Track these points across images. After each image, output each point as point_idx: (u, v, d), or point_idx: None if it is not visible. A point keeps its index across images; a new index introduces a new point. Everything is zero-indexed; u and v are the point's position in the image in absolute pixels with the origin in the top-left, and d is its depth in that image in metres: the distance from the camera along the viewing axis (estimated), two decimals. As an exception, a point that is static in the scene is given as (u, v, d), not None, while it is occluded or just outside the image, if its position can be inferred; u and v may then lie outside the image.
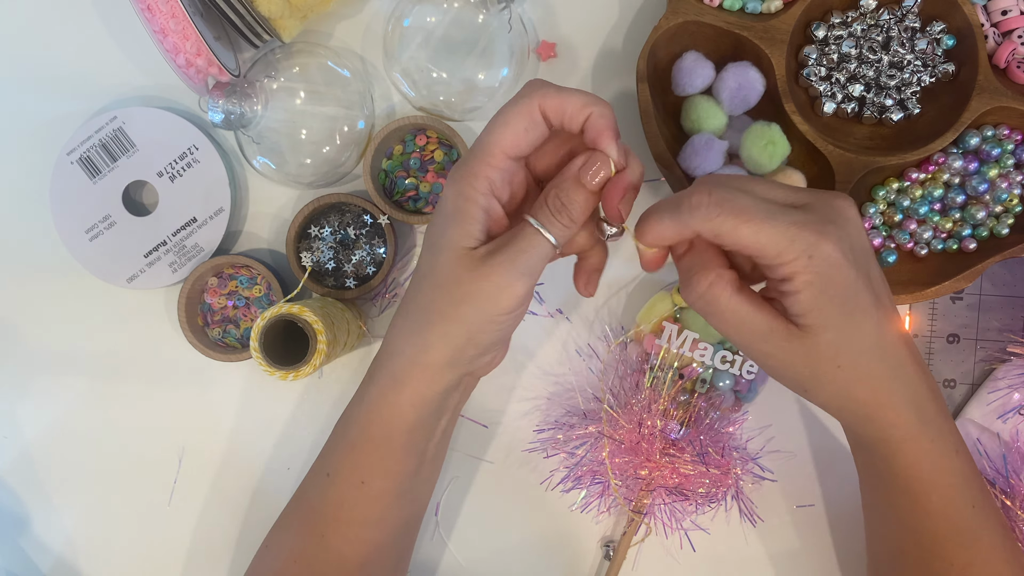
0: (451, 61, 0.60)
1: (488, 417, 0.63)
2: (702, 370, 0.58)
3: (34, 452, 0.64)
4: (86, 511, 0.64)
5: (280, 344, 0.57)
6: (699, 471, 0.57)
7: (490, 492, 0.63)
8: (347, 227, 0.61)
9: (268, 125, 0.59)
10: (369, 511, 0.49)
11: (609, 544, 0.62)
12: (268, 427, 0.64)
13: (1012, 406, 0.60)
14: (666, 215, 0.42)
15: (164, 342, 0.63)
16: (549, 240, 0.42)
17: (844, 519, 0.62)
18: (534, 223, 0.43)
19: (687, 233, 0.42)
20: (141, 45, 0.62)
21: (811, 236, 0.40)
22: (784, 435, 0.62)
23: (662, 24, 0.56)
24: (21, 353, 0.64)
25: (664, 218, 0.42)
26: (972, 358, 0.62)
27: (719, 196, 0.41)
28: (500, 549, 0.63)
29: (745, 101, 0.57)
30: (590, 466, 0.60)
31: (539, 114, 0.42)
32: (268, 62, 0.60)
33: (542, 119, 0.42)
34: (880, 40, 0.58)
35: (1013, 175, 0.58)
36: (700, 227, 0.41)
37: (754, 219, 0.40)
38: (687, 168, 0.57)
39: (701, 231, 0.41)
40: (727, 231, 0.40)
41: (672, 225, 0.42)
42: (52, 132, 0.62)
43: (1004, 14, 0.57)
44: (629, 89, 0.61)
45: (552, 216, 0.43)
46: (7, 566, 0.64)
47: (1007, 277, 0.62)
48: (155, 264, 0.61)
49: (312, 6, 0.57)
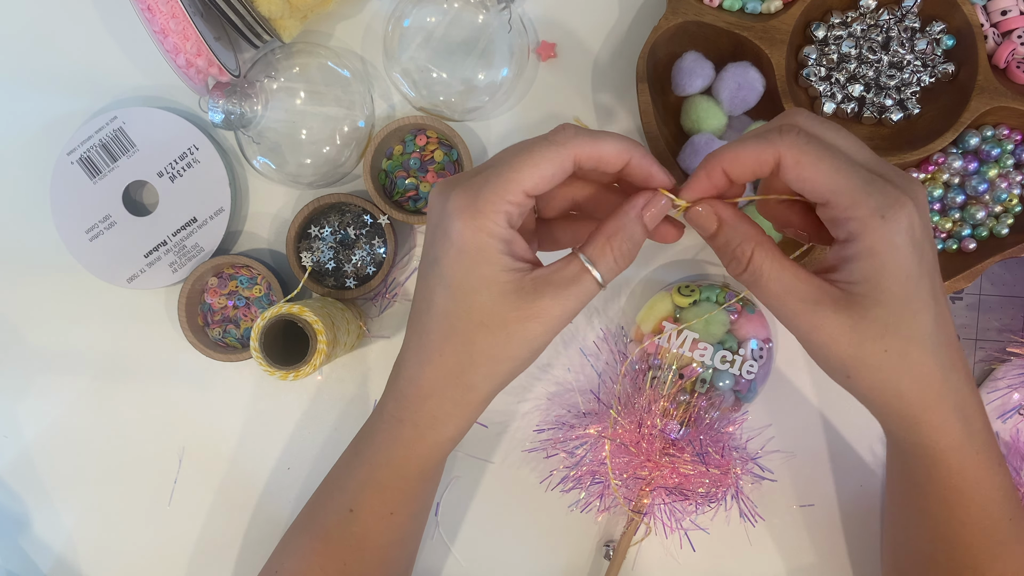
0: (451, 61, 0.60)
1: (488, 417, 0.63)
2: (702, 370, 0.58)
3: (34, 452, 0.64)
4: (86, 511, 0.64)
5: (280, 344, 0.57)
6: (699, 471, 0.57)
7: (490, 492, 0.63)
8: (347, 227, 0.61)
9: (268, 125, 0.59)
10: (394, 536, 0.49)
11: (609, 544, 0.62)
12: (268, 427, 0.64)
13: (1012, 406, 0.60)
14: (750, 139, 0.40)
15: (164, 342, 0.63)
16: (597, 279, 0.41)
17: (844, 519, 0.62)
18: (585, 261, 0.41)
19: (769, 157, 0.39)
20: (141, 45, 0.62)
21: (889, 197, 0.38)
22: (784, 435, 0.62)
23: (662, 24, 0.56)
24: (21, 353, 0.64)
25: (748, 142, 0.40)
26: (972, 358, 0.62)
27: (810, 126, 0.39)
28: (500, 549, 0.63)
29: (745, 101, 0.57)
30: (590, 466, 0.60)
31: (571, 163, 0.41)
32: (268, 62, 0.60)
33: (572, 166, 0.41)
34: (880, 40, 0.58)
35: (1013, 175, 0.58)
36: (787, 152, 0.39)
37: (838, 158, 0.38)
38: (687, 168, 0.57)
39: (785, 157, 0.39)
40: (810, 162, 0.38)
41: (756, 149, 0.39)
42: (52, 132, 0.62)
43: (1004, 14, 0.57)
44: (629, 89, 0.61)
45: (613, 257, 0.41)
46: (7, 566, 0.64)
47: (1007, 277, 0.62)
48: (155, 264, 0.61)
49: (312, 6, 0.57)
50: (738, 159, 0.40)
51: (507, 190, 0.40)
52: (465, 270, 0.41)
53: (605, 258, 0.41)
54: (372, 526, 0.48)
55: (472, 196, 0.40)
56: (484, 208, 0.40)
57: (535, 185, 0.40)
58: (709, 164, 0.41)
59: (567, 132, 0.41)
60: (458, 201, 0.40)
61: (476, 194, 0.40)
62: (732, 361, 0.58)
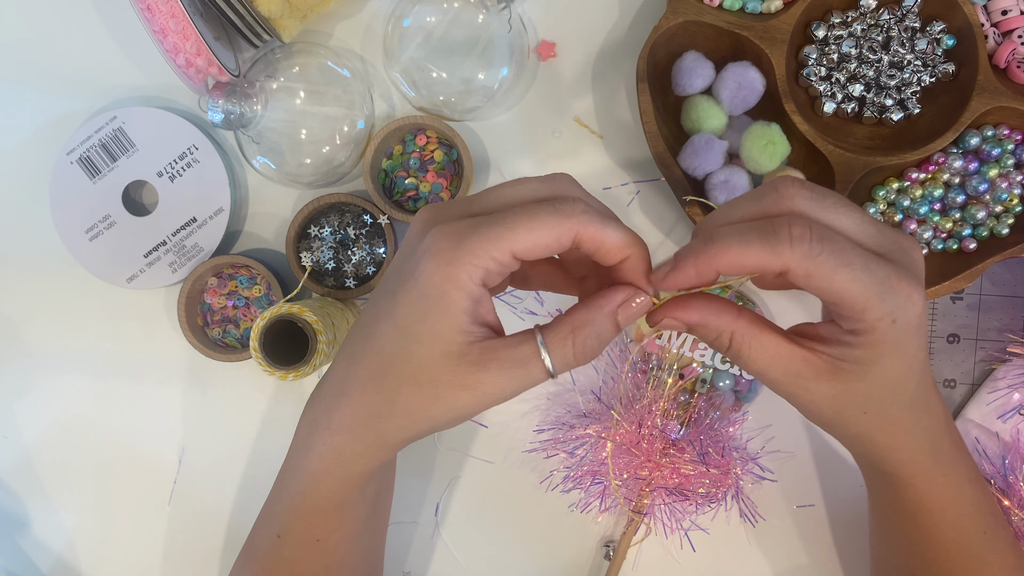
0: (451, 61, 0.60)
1: (488, 417, 0.63)
2: (702, 370, 0.58)
3: (34, 452, 0.64)
4: (86, 511, 0.64)
5: (280, 344, 0.57)
6: (699, 471, 0.57)
7: (490, 492, 0.63)
8: (347, 227, 0.61)
9: (268, 125, 0.59)
10: (329, 560, 0.47)
11: (609, 544, 0.62)
12: (268, 427, 0.64)
13: (1012, 406, 0.60)
14: (754, 239, 0.35)
15: (164, 342, 0.63)
16: (548, 369, 0.38)
17: (844, 519, 0.62)
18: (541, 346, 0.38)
19: (775, 266, 0.35)
20: (141, 45, 0.62)
21: (900, 298, 0.36)
22: (784, 435, 0.62)
23: (662, 24, 0.56)
24: (21, 353, 0.64)
25: (752, 243, 0.35)
26: (972, 358, 0.62)
27: (820, 232, 0.35)
28: (500, 549, 0.63)
29: (745, 101, 0.57)
30: (590, 466, 0.60)
31: (570, 240, 0.37)
32: (268, 62, 0.60)
33: (570, 243, 0.37)
34: (880, 40, 0.58)
35: (1013, 175, 0.58)
36: (797, 264, 0.35)
37: (853, 264, 0.35)
38: (687, 168, 0.57)
39: (795, 269, 0.35)
40: (823, 275, 0.35)
41: (762, 254, 0.35)
42: (52, 132, 0.62)
43: (1004, 14, 0.57)
44: (629, 89, 0.61)
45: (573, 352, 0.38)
46: (7, 566, 0.64)
47: (1007, 277, 0.62)
48: (155, 264, 0.61)
49: (312, 6, 0.57)
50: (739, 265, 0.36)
51: (494, 245, 0.36)
52: (419, 316, 0.37)
53: (564, 350, 0.38)
54: (301, 552, 0.46)
55: (455, 240, 0.36)
56: (462, 258, 0.36)
57: (526, 249, 0.36)
58: (701, 262, 0.36)
59: (576, 205, 0.37)
60: (438, 240, 0.36)
61: (460, 239, 0.36)
62: (732, 362, 0.57)
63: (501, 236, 0.36)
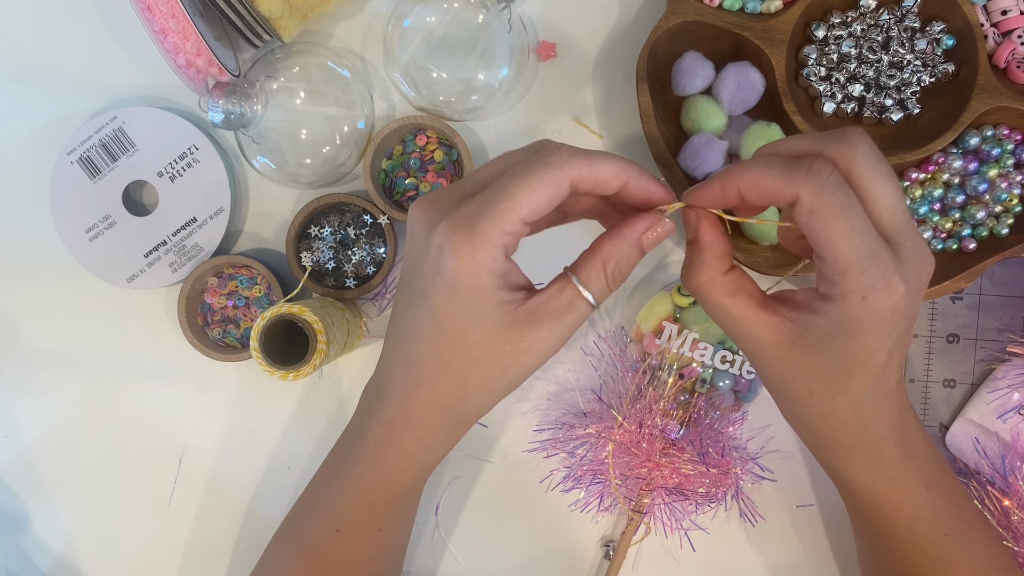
0: (451, 61, 0.60)
1: (488, 417, 0.63)
2: (702, 370, 0.58)
3: (34, 452, 0.64)
4: (86, 511, 0.64)
5: (280, 344, 0.57)
6: (699, 471, 0.57)
7: (490, 492, 0.63)
8: (347, 227, 0.61)
9: (268, 125, 0.59)
10: (385, 547, 0.50)
11: (609, 544, 0.62)
12: (268, 427, 0.64)
13: (1012, 406, 0.60)
14: (778, 164, 0.37)
15: (164, 342, 0.63)
16: (590, 302, 0.40)
17: (843, 519, 0.62)
18: (579, 284, 0.40)
19: (788, 195, 0.37)
20: (141, 45, 0.62)
21: (880, 279, 0.36)
22: (784, 435, 0.62)
23: (662, 24, 0.56)
24: (21, 353, 0.64)
25: (774, 166, 0.37)
26: (972, 358, 0.62)
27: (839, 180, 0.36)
28: (500, 549, 0.63)
29: (745, 101, 0.57)
30: (590, 466, 0.60)
31: (567, 185, 0.39)
32: (268, 62, 0.60)
33: (568, 189, 0.39)
34: (880, 40, 0.58)
35: (1013, 175, 0.58)
36: (806, 197, 0.36)
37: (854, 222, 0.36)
38: (687, 168, 0.57)
39: (802, 202, 0.36)
40: (823, 216, 0.36)
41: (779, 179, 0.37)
42: (52, 132, 0.62)
43: (1004, 14, 0.57)
44: (629, 89, 0.61)
45: (607, 281, 0.40)
46: (7, 566, 0.64)
47: (1007, 277, 0.62)
48: (155, 264, 0.61)
49: (312, 6, 0.57)
50: (758, 185, 0.38)
51: (504, 220, 0.38)
52: (459, 308, 0.39)
53: (599, 283, 0.40)
54: (360, 544, 0.49)
55: (467, 232, 0.38)
56: (480, 245, 0.38)
57: (532, 212, 0.38)
58: (727, 179, 0.39)
59: (561, 153, 0.39)
60: (451, 236, 0.38)
61: (471, 229, 0.38)
62: (732, 361, 0.58)
63: (508, 209, 0.38)
